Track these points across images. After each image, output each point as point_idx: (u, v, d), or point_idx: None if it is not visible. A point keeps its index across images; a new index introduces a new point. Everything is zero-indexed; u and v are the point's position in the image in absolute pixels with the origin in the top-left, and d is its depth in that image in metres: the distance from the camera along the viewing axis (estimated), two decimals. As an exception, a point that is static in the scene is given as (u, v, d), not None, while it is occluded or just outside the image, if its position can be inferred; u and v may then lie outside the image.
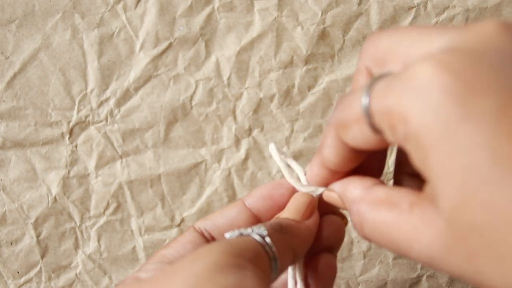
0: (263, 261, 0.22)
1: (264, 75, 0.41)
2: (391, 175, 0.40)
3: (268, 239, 0.23)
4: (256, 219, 0.29)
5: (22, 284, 0.42)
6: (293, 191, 0.29)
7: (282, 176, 0.31)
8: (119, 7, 0.40)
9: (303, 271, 0.28)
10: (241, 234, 0.23)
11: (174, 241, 0.27)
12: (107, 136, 0.41)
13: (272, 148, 0.29)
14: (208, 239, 0.28)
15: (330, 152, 0.24)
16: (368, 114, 0.20)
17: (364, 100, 0.20)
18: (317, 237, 0.28)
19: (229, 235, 0.23)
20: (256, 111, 0.42)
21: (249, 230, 0.23)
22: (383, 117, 0.19)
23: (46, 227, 0.42)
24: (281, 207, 0.28)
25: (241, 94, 0.42)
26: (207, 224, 0.28)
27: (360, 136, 0.21)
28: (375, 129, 0.20)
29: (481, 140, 0.16)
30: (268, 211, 0.29)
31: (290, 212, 0.27)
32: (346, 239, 0.44)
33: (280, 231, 0.24)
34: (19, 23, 0.39)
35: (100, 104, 0.41)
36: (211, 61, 0.41)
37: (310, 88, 0.42)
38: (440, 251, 0.18)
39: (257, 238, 0.23)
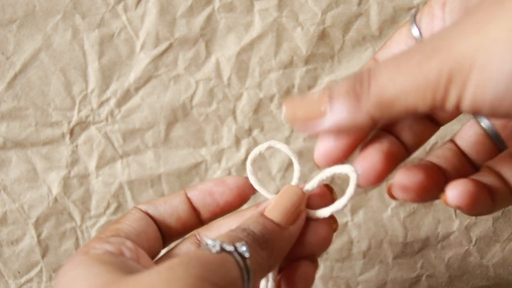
0: (237, 285, 0.22)
1: (264, 75, 0.41)
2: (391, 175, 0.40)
3: (248, 262, 0.23)
4: (195, 212, 0.29)
5: (23, 284, 0.42)
6: (235, 190, 0.29)
7: (282, 176, 0.31)
8: (120, 7, 0.40)
9: (277, 278, 0.28)
10: (222, 249, 0.22)
11: (124, 217, 0.27)
12: (107, 136, 0.41)
13: (275, 143, 0.29)
14: (153, 219, 0.28)
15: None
16: None
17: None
18: (300, 242, 0.28)
19: (211, 243, 0.23)
20: (256, 111, 0.42)
21: (231, 247, 0.23)
22: None
23: (47, 227, 0.42)
24: (220, 205, 0.29)
25: (241, 94, 0.42)
26: (149, 208, 0.29)
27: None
28: None
29: None
30: (207, 206, 0.29)
31: (277, 212, 0.26)
32: (345, 239, 0.44)
33: (261, 246, 0.24)
34: (20, 23, 0.39)
35: (101, 104, 0.41)
36: (211, 62, 0.41)
37: (310, 88, 0.42)
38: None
39: (238, 259, 0.22)
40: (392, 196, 0.27)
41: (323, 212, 0.27)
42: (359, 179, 0.26)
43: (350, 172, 0.26)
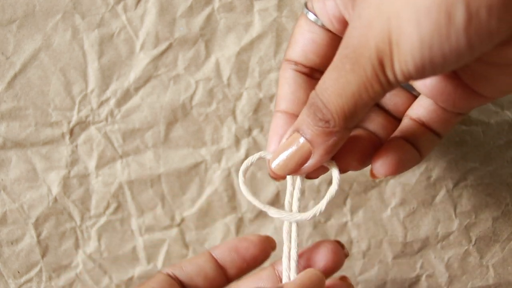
0: None
1: (264, 75, 0.41)
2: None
3: None
4: (221, 269, 0.31)
5: (23, 284, 0.42)
6: (259, 245, 0.31)
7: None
8: (119, 7, 0.40)
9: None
10: None
11: (148, 281, 0.29)
12: (107, 136, 0.41)
13: (266, 154, 0.30)
14: (178, 282, 0.30)
15: None
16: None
17: None
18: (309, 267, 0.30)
19: None
20: (256, 111, 0.42)
21: None
22: None
23: (47, 227, 0.42)
24: (246, 260, 0.31)
25: (241, 94, 0.42)
26: (175, 270, 0.31)
27: None
28: None
29: None
30: (233, 262, 0.31)
31: None
32: (345, 239, 0.44)
33: None
34: (20, 23, 0.39)
35: (101, 104, 0.41)
36: (211, 62, 0.41)
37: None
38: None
39: None
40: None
41: (320, 205, 0.29)
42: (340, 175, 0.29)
43: (333, 170, 0.29)
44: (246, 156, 0.42)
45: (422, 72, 0.22)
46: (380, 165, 0.28)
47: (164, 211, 0.42)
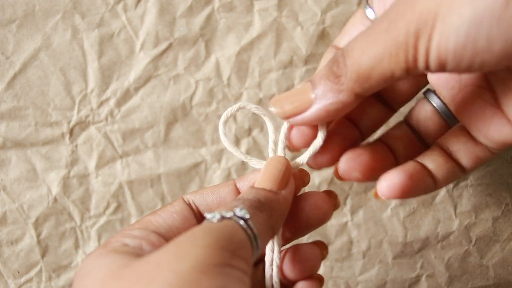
0: (246, 249, 0.22)
1: (264, 75, 0.41)
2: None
3: (250, 223, 0.23)
4: None
5: (23, 284, 0.42)
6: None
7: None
8: (119, 7, 0.40)
9: (281, 256, 0.29)
10: (223, 217, 0.23)
11: (162, 209, 0.28)
12: (107, 136, 0.41)
13: (247, 104, 0.30)
14: (195, 212, 0.28)
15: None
16: None
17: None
18: (299, 214, 0.28)
19: (210, 215, 0.23)
20: (256, 111, 0.42)
21: (230, 213, 0.23)
22: None
23: (47, 227, 0.42)
24: None
25: (241, 94, 0.42)
26: (196, 198, 0.29)
27: None
28: None
29: None
30: None
31: (266, 181, 0.27)
32: (345, 239, 0.44)
33: (259, 208, 0.24)
34: (20, 23, 0.39)
35: (100, 104, 0.41)
36: (211, 61, 0.41)
37: (309, 88, 0.42)
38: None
39: (241, 223, 0.23)
40: (339, 177, 0.28)
41: (302, 158, 0.29)
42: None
43: (321, 128, 0.28)
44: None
45: (459, 58, 0.20)
46: (384, 185, 0.26)
47: (164, 211, 0.42)
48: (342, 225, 0.43)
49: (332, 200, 0.29)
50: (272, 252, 0.28)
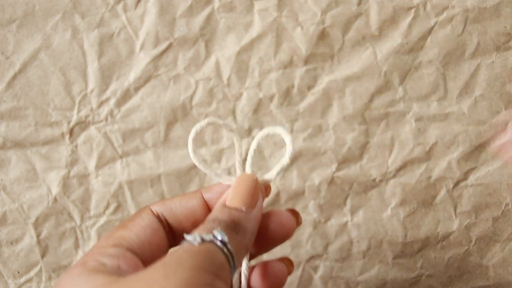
0: (226, 270, 0.23)
1: (264, 75, 0.41)
2: (391, 175, 0.41)
3: (229, 246, 0.24)
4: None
5: (23, 284, 0.42)
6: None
7: (282, 176, 0.32)
8: (119, 7, 0.40)
9: (249, 272, 0.31)
10: (203, 240, 0.24)
11: (133, 222, 0.28)
12: (107, 136, 0.41)
13: (215, 119, 0.30)
14: (164, 224, 0.29)
15: None
16: None
17: None
18: (265, 232, 0.29)
19: (190, 238, 0.24)
20: (255, 111, 0.42)
21: (210, 236, 0.24)
22: None
23: (47, 227, 0.42)
24: None
25: (241, 94, 0.42)
26: (164, 210, 0.30)
27: None
28: None
29: None
30: None
31: (238, 200, 0.28)
32: (345, 239, 0.44)
33: (235, 230, 0.26)
34: (20, 23, 0.39)
35: (100, 104, 0.41)
36: (211, 61, 0.41)
37: (309, 88, 0.42)
38: None
39: (220, 246, 0.24)
40: None
41: (270, 175, 0.30)
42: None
43: (284, 134, 0.30)
44: (246, 156, 0.42)
45: None
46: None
47: (164, 211, 0.42)
48: (342, 225, 0.43)
49: (295, 218, 0.30)
50: (240, 266, 0.29)
